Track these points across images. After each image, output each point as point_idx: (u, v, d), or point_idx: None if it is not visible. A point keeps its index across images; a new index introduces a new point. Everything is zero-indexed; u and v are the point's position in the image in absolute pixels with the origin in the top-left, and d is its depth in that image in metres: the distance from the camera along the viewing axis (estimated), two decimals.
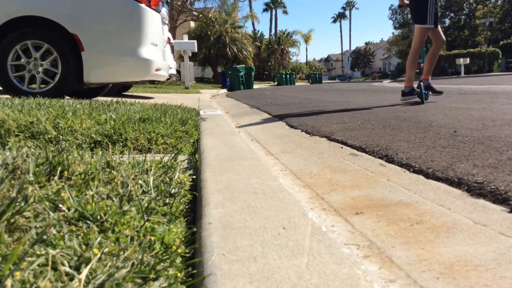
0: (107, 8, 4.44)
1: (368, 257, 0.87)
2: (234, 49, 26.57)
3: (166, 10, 6.44)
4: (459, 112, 3.40)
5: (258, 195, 1.12)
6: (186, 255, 0.81)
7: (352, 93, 8.79)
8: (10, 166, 1.13)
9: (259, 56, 36.62)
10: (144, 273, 0.67)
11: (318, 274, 0.69)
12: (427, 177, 1.41)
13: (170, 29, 17.48)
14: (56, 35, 4.20)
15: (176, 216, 1.00)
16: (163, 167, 1.36)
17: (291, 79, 27.65)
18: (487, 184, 1.24)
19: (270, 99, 7.08)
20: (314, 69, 56.66)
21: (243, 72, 16.94)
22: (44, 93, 4.15)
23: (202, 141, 2.06)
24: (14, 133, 1.92)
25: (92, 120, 2.26)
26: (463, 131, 2.32)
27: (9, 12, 4.13)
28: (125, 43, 4.47)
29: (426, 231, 0.99)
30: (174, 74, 11.72)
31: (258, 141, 2.63)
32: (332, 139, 2.28)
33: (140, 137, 2.04)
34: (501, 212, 1.05)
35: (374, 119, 3.17)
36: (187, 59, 13.40)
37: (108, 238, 0.79)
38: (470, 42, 38.13)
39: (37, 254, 0.68)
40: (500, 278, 0.74)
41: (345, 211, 1.18)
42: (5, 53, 4.16)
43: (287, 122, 3.25)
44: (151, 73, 4.70)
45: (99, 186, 1.05)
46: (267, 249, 0.78)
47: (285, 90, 13.10)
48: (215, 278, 0.68)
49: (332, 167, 1.72)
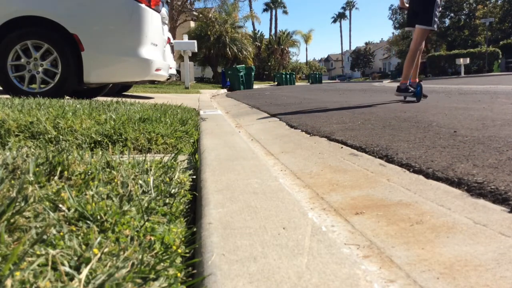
0: (107, 8, 4.44)
1: (368, 257, 0.87)
2: (234, 49, 26.57)
3: (166, 10, 6.44)
4: (459, 112, 3.40)
5: (258, 195, 1.12)
6: (186, 255, 0.81)
7: (352, 93, 8.79)
8: (10, 166, 1.13)
9: (259, 56, 36.62)
10: (144, 273, 0.67)
11: (318, 274, 0.69)
12: (427, 177, 1.41)
13: (170, 29, 17.48)
14: (56, 35, 4.20)
15: (176, 216, 1.00)
16: (163, 167, 1.36)
17: (291, 79, 27.64)
18: (487, 184, 1.24)
19: (270, 99, 7.08)
20: (314, 69, 56.65)
21: (243, 72, 16.93)
22: (44, 93, 4.15)
23: (202, 141, 2.06)
24: (14, 133, 1.92)
25: (92, 120, 2.26)
26: (463, 131, 2.32)
27: (9, 12, 4.14)
28: (125, 43, 4.47)
29: (426, 231, 0.99)
30: (174, 74, 11.71)
31: (258, 141, 2.63)
32: (332, 139, 2.28)
33: (140, 137, 2.04)
34: (501, 212, 1.05)
35: (374, 119, 3.17)
36: (187, 59, 13.40)
37: (108, 238, 0.79)
38: (470, 42, 38.14)
39: (37, 254, 0.68)
40: (500, 278, 0.74)
41: (345, 211, 1.18)
42: (5, 53, 4.16)
43: (287, 122, 3.25)
44: (151, 73, 4.71)
45: (99, 186, 1.05)
46: (267, 249, 0.78)
47: (285, 90, 13.10)
48: (215, 278, 0.68)
49: (332, 167, 1.72)
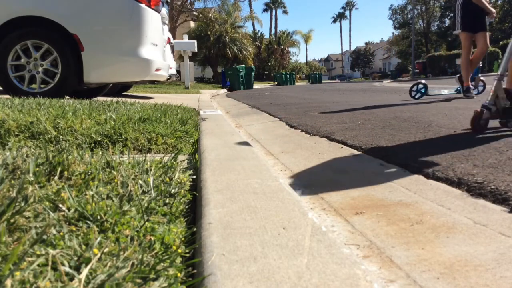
0: (107, 8, 4.43)
1: (368, 257, 0.87)
2: (234, 49, 26.55)
3: (166, 10, 6.44)
4: (459, 112, 3.40)
5: (258, 195, 1.12)
6: (186, 255, 0.81)
7: (352, 93, 8.79)
8: (10, 166, 1.13)
9: (259, 56, 36.59)
10: (144, 273, 0.67)
11: (318, 274, 0.69)
12: (427, 177, 1.41)
13: (170, 29, 17.47)
14: (56, 35, 4.20)
15: (176, 216, 1.00)
16: (163, 167, 1.36)
17: (291, 79, 27.63)
18: (487, 184, 1.24)
19: (270, 99, 7.08)
20: (314, 69, 56.60)
21: (243, 72, 16.93)
22: (44, 93, 4.15)
23: (202, 141, 2.06)
24: (14, 133, 1.92)
25: (92, 120, 2.26)
26: (463, 131, 2.32)
27: (9, 12, 4.13)
28: (125, 43, 4.47)
29: (426, 231, 0.99)
30: (174, 74, 11.71)
31: (258, 141, 2.63)
32: (332, 139, 2.28)
33: (140, 137, 2.04)
34: (501, 212, 1.05)
35: (374, 119, 3.17)
36: (187, 59, 13.39)
37: (108, 238, 0.79)
38: None
39: (37, 254, 0.68)
40: (500, 278, 0.74)
41: (345, 211, 1.18)
42: (5, 53, 4.16)
43: (287, 122, 3.25)
44: (151, 73, 4.70)
45: (99, 186, 1.05)
46: (267, 249, 0.78)
47: (285, 90, 13.10)
48: (215, 278, 0.68)
49: (332, 167, 1.72)
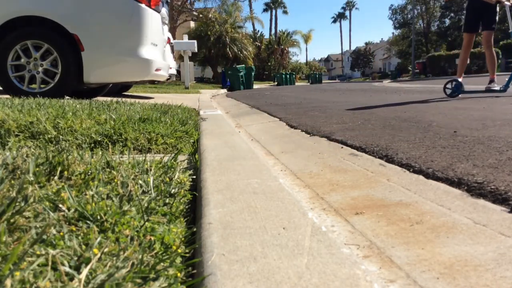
0: (107, 8, 4.44)
1: (368, 257, 0.87)
2: (234, 49, 26.54)
3: (166, 10, 6.44)
4: (459, 112, 3.40)
5: (258, 195, 1.12)
6: (186, 255, 0.81)
7: (352, 93, 8.79)
8: (10, 166, 1.13)
9: (259, 56, 36.56)
10: (144, 273, 0.67)
11: (318, 274, 0.69)
12: (427, 177, 1.41)
13: (170, 29, 17.46)
14: (56, 35, 4.20)
15: (176, 216, 1.00)
16: (163, 167, 1.36)
17: (291, 79, 27.62)
18: (487, 184, 1.24)
19: (270, 99, 7.08)
20: (314, 69, 56.55)
21: (243, 72, 16.93)
22: (44, 93, 4.15)
23: (202, 141, 2.06)
24: (14, 133, 1.92)
25: (92, 120, 2.26)
26: (463, 131, 2.32)
27: (9, 12, 4.14)
28: (125, 43, 4.47)
29: (426, 231, 0.99)
30: (174, 74, 11.72)
31: (258, 141, 2.63)
32: (332, 139, 2.28)
33: (140, 137, 2.04)
34: (501, 212, 1.05)
35: (374, 119, 3.17)
36: (187, 59, 13.39)
37: (108, 238, 0.79)
38: None
39: (37, 254, 0.68)
40: (500, 278, 0.74)
41: (345, 211, 1.18)
42: (5, 53, 4.16)
43: (287, 122, 3.25)
44: (151, 73, 4.71)
45: (99, 186, 1.05)
46: (267, 249, 0.78)
47: (285, 90, 13.10)
48: (215, 278, 0.68)
49: (332, 167, 1.72)
